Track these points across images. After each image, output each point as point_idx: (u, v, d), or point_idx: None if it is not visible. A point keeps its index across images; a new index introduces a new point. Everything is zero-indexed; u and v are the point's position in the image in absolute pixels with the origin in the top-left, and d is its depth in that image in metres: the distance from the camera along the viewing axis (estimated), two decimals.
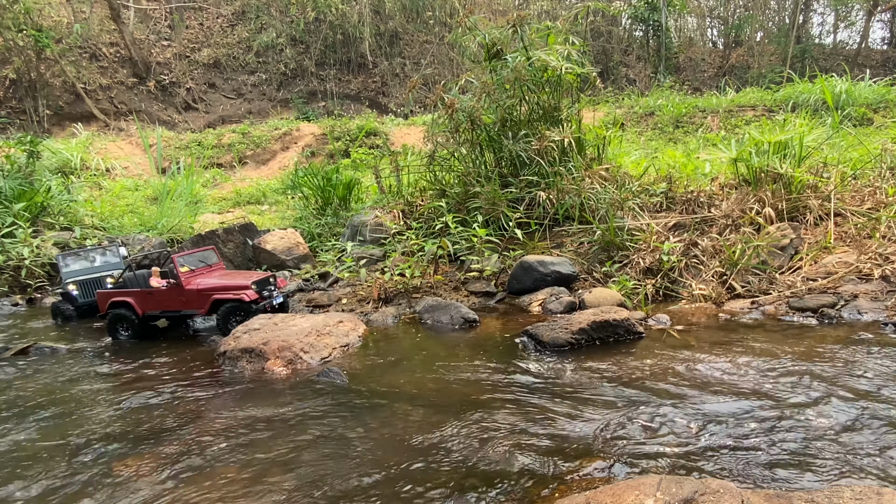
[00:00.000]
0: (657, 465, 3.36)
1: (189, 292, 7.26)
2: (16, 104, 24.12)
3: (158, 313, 7.52)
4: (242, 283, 7.30)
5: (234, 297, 7.11)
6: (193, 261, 7.71)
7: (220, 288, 7.25)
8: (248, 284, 7.21)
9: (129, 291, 7.61)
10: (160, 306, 7.45)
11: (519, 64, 9.37)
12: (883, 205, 7.97)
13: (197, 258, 7.83)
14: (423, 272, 8.74)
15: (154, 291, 7.42)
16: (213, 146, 22.16)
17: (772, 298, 6.96)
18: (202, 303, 7.23)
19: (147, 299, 7.45)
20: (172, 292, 7.33)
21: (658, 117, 20.10)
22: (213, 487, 3.41)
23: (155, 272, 7.62)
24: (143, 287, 7.69)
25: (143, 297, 7.47)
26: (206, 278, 7.49)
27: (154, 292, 7.42)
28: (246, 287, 7.19)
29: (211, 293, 7.21)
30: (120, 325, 7.52)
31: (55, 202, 13.45)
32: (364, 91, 29.24)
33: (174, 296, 7.33)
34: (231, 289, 7.21)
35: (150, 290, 7.45)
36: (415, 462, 3.57)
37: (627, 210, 8.98)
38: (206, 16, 29.64)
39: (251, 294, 7.13)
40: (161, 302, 7.42)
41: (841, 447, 3.44)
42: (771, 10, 32.39)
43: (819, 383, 4.41)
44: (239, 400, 4.98)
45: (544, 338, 5.88)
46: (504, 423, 4.08)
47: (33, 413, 4.91)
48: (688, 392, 4.41)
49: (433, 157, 10.82)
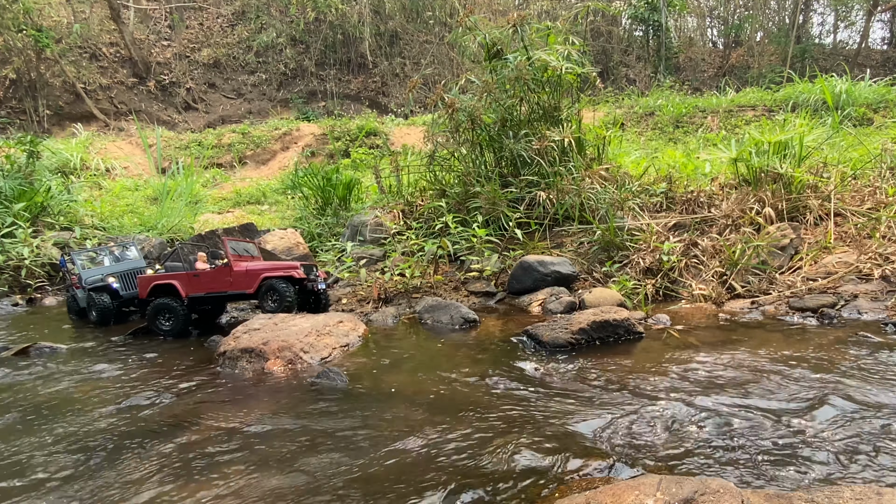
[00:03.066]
0: (657, 465, 3.36)
1: (237, 273, 7.33)
2: (16, 104, 24.12)
3: (203, 295, 7.52)
4: (291, 263, 7.60)
5: (284, 273, 7.27)
6: (240, 249, 7.91)
7: (269, 268, 7.41)
8: (297, 265, 7.47)
9: (173, 275, 7.64)
10: (205, 288, 7.45)
11: (520, 63, 9.37)
12: (883, 205, 7.97)
13: (242, 247, 8.05)
14: (423, 272, 8.74)
15: (200, 273, 7.49)
16: (213, 146, 22.17)
17: (772, 298, 6.96)
18: (250, 283, 7.29)
19: (192, 282, 7.47)
20: (220, 273, 7.38)
21: (658, 117, 20.10)
22: (213, 488, 3.41)
23: (201, 256, 7.82)
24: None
25: (187, 280, 7.48)
26: (252, 263, 7.70)
27: (200, 274, 7.48)
28: (294, 267, 7.43)
29: (260, 272, 7.32)
30: (162, 316, 7.41)
31: (55, 202, 13.45)
32: (364, 91, 29.24)
33: (221, 277, 7.37)
34: (279, 269, 7.40)
35: (196, 272, 7.53)
36: (414, 462, 3.57)
37: (627, 210, 8.98)
38: (206, 16, 29.64)
39: (300, 273, 7.34)
40: (206, 284, 7.44)
41: (841, 447, 3.44)
42: (771, 10, 32.41)
43: (819, 383, 4.41)
44: (239, 400, 4.98)
45: (544, 338, 5.88)
46: (504, 423, 4.08)
47: (33, 413, 4.90)
48: (688, 392, 4.41)
49: (433, 157, 10.82)
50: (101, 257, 9.69)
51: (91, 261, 9.55)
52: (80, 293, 9.08)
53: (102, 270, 9.28)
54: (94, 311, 8.69)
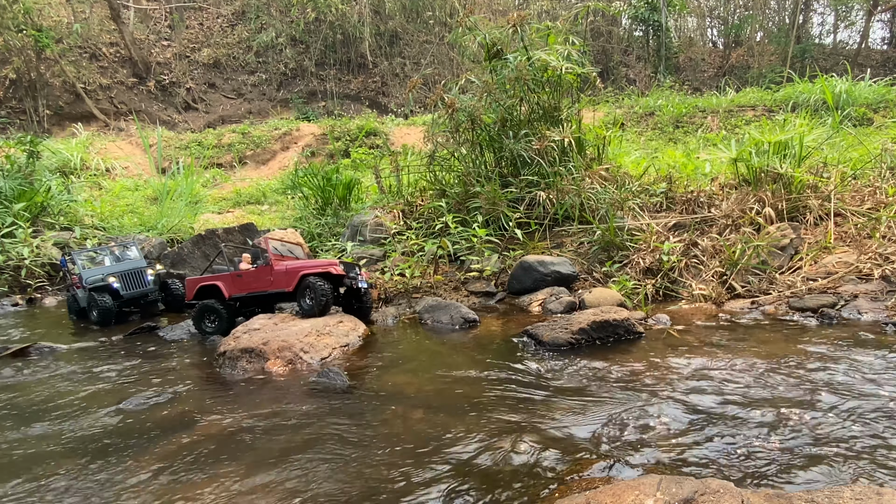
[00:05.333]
0: (657, 465, 3.36)
1: (277, 272, 7.35)
2: (16, 104, 24.12)
3: (244, 295, 7.59)
4: (330, 260, 7.52)
5: (323, 270, 7.22)
6: (284, 250, 7.95)
7: (308, 266, 7.36)
8: (336, 262, 7.37)
9: (217, 276, 7.74)
10: (247, 288, 7.55)
11: (520, 63, 9.37)
12: (883, 205, 7.96)
13: (287, 248, 8.08)
14: (423, 272, 8.74)
15: (243, 273, 7.57)
16: (213, 146, 22.17)
17: (772, 298, 6.96)
18: (289, 281, 7.27)
19: (235, 282, 7.58)
20: (261, 273, 7.46)
21: (658, 117, 20.10)
22: (213, 487, 3.41)
23: (245, 258, 7.87)
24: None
25: (231, 281, 7.61)
26: (293, 262, 7.66)
27: (243, 274, 7.56)
28: (334, 264, 7.33)
29: (298, 270, 7.28)
30: (207, 318, 7.52)
31: (55, 202, 13.45)
32: (364, 91, 29.24)
33: (262, 276, 7.45)
34: (319, 266, 7.33)
35: (239, 273, 7.60)
36: (414, 462, 3.57)
37: (627, 210, 8.98)
38: (206, 16, 29.64)
39: (338, 269, 7.22)
40: (248, 284, 7.54)
41: (841, 447, 3.44)
42: (771, 10, 32.41)
43: (819, 383, 4.41)
44: (239, 400, 4.98)
45: (544, 338, 5.88)
46: (504, 422, 4.08)
47: (33, 413, 4.90)
48: (688, 392, 4.41)
49: (433, 157, 10.82)
50: (102, 257, 9.66)
51: (92, 261, 9.53)
52: (81, 293, 9.07)
53: (103, 270, 9.25)
54: (96, 311, 8.69)
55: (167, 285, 9.53)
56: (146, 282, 9.32)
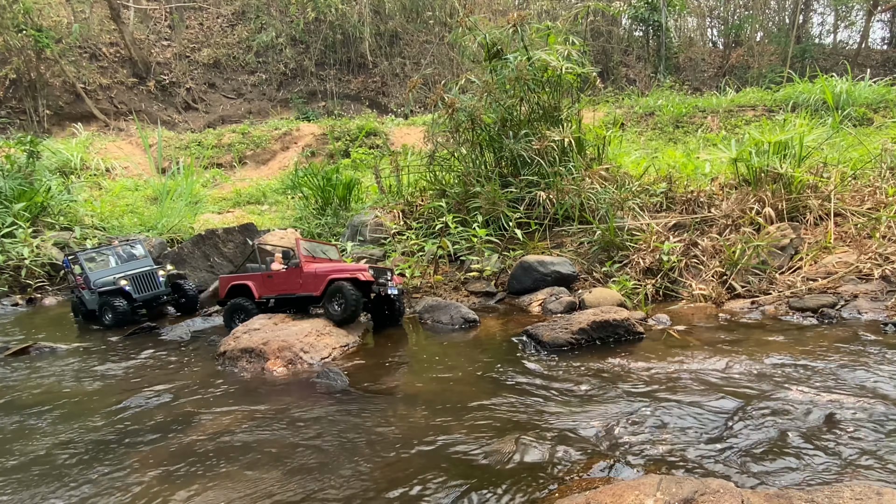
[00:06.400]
0: (657, 465, 3.36)
1: (306, 275, 7.11)
2: (16, 104, 24.12)
3: (274, 297, 7.46)
4: (360, 266, 7.23)
5: (350, 276, 6.92)
6: (317, 250, 7.74)
7: (337, 270, 7.10)
8: (365, 267, 7.09)
9: (249, 276, 7.63)
10: (277, 289, 7.40)
11: (520, 63, 9.37)
12: (883, 205, 7.97)
13: (321, 249, 7.85)
14: (423, 272, 8.75)
15: (274, 274, 7.43)
16: (213, 146, 22.17)
17: (772, 298, 6.96)
18: (317, 285, 7.03)
19: (265, 283, 7.46)
20: (291, 275, 7.25)
21: (658, 117, 20.10)
22: (213, 487, 3.41)
23: (278, 258, 7.74)
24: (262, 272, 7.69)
25: (261, 281, 7.47)
26: (324, 264, 7.41)
27: (274, 275, 7.42)
28: (363, 269, 7.01)
29: (327, 274, 7.01)
30: (237, 316, 7.42)
31: (55, 202, 13.45)
32: (364, 91, 29.24)
33: (292, 278, 7.24)
34: (347, 271, 7.05)
35: (270, 273, 7.46)
36: (414, 462, 3.57)
37: (627, 210, 8.98)
38: (206, 16, 29.65)
39: (367, 275, 6.90)
40: (278, 285, 7.39)
41: (841, 447, 3.44)
42: (771, 10, 32.41)
43: (819, 383, 4.41)
44: (239, 400, 4.97)
45: (544, 338, 5.88)
46: (504, 422, 4.08)
47: (33, 413, 4.90)
48: (688, 392, 4.41)
49: (433, 157, 10.82)
50: (107, 258, 9.34)
51: (97, 262, 9.22)
52: (88, 294, 8.82)
53: (112, 271, 8.96)
54: (110, 314, 8.42)
55: (180, 286, 9.27)
56: (158, 283, 9.02)
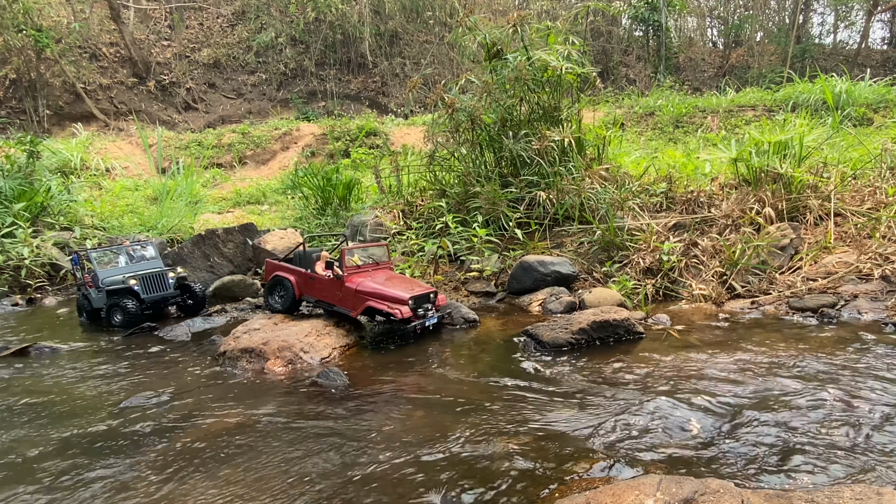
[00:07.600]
0: (657, 465, 3.36)
1: (347, 290, 6.69)
2: (16, 104, 24.12)
3: (314, 301, 7.17)
4: (401, 295, 6.51)
5: (389, 310, 6.40)
6: (364, 255, 7.21)
7: (378, 295, 6.56)
8: (406, 299, 6.46)
9: (294, 270, 7.26)
10: (317, 295, 7.08)
11: (520, 63, 9.37)
12: (883, 205, 7.97)
13: (368, 253, 7.34)
14: (423, 272, 8.74)
15: (316, 278, 7.03)
16: (213, 146, 22.16)
17: (772, 298, 6.96)
18: (356, 304, 6.66)
19: (307, 283, 7.09)
20: (333, 285, 6.84)
21: (658, 117, 20.10)
22: (213, 487, 3.41)
23: (324, 256, 7.30)
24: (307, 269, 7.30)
25: (304, 280, 7.11)
26: (368, 279, 6.81)
27: (316, 279, 7.03)
28: (403, 301, 6.44)
29: (367, 297, 6.57)
30: (277, 292, 7.28)
31: (55, 202, 13.44)
32: (364, 91, 29.23)
33: (333, 289, 6.84)
34: (388, 299, 6.50)
35: (313, 276, 7.06)
36: (414, 462, 3.57)
37: (627, 210, 8.98)
38: (206, 16, 29.64)
39: (406, 311, 6.39)
40: (319, 291, 7.04)
41: (841, 447, 3.44)
42: (771, 10, 32.40)
43: (819, 383, 4.41)
44: (239, 400, 4.98)
45: (544, 338, 5.88)
46: (504, 422, 4.08)
47: (33, 413, 4.91)
48: (688, 392, 4.41)
49: (433, 157, 10.82)
50: (118, 257, 9.14)
51: (107, 260, 9.04)
52: (95, 293, 8.71)
53: (122, 271, 8.79)
54: (119, 315, 8.31)
55: (188, 287, 9.10)
56: (167, 285, 8.82)
